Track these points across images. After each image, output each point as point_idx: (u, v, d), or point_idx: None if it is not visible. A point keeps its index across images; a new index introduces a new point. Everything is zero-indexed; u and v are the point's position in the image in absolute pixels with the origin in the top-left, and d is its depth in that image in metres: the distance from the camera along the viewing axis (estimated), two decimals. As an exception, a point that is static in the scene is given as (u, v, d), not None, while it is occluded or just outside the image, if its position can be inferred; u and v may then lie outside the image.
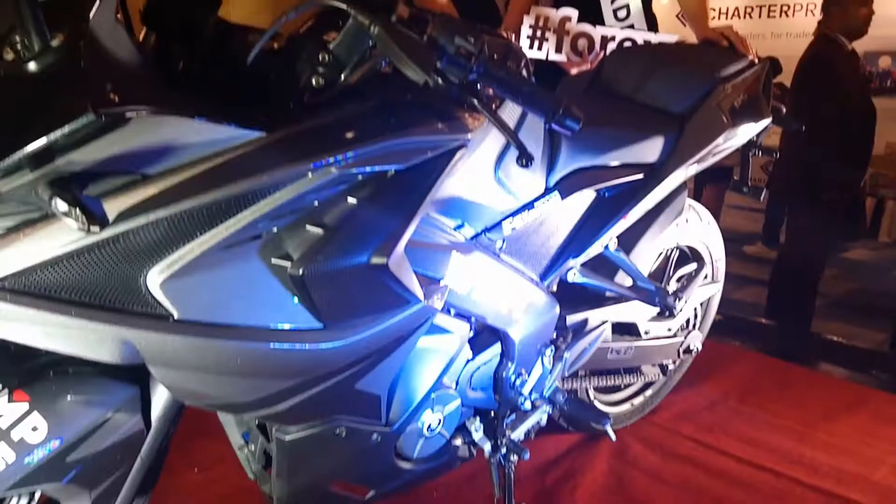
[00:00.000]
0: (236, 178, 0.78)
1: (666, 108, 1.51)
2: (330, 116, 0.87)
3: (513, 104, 1.05)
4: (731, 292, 2.60)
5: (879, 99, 6.34)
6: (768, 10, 7.29)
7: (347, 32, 0.88)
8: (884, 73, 6.46)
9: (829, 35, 3.01)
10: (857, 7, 3.00)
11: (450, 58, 0.87)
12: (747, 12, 7.46)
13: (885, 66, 6.46)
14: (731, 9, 7.54)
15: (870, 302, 4.15)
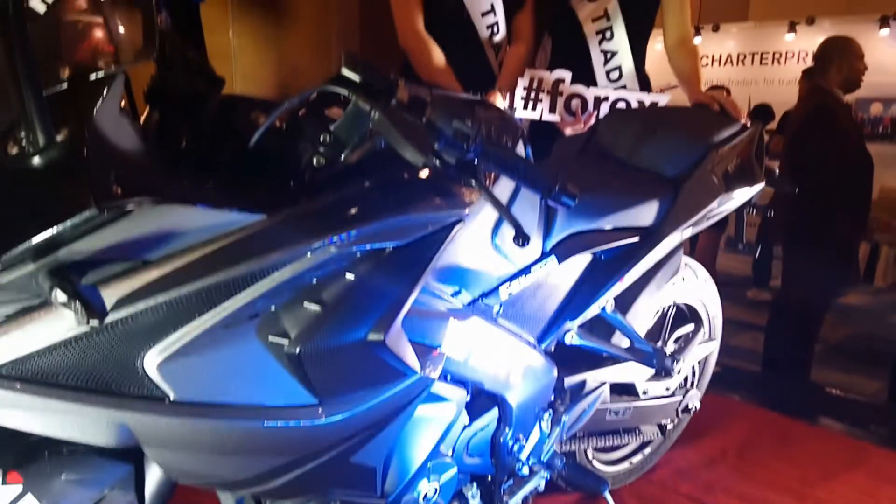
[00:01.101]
0: (236, 262, 0.79)
1: (660, 171, 1.53)
2: (329, 196, 0.88)
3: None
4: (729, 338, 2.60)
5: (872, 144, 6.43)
6: (761, 57, 7.44)
7: (348, 115, 0.90)
8: (875, 119, 6.57)
9: (826, 88, 3.05)
10: (856, 62, 3.06)
11: (447, 140, 0.89)
12: (740, 59, 7.61)
13: (876, 112, 6.58)
14: (725, 56, 7.69)
15: (867, 348, 4.15)
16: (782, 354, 3.16)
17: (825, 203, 2.88)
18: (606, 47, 2.01)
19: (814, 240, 2.94)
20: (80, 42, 0.71)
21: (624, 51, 2.00)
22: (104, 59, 0.70)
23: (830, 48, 3.09)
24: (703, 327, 1.81)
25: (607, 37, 2.00)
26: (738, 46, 7.68)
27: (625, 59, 2.01)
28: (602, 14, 1.99)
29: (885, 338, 4.28)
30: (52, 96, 0.68)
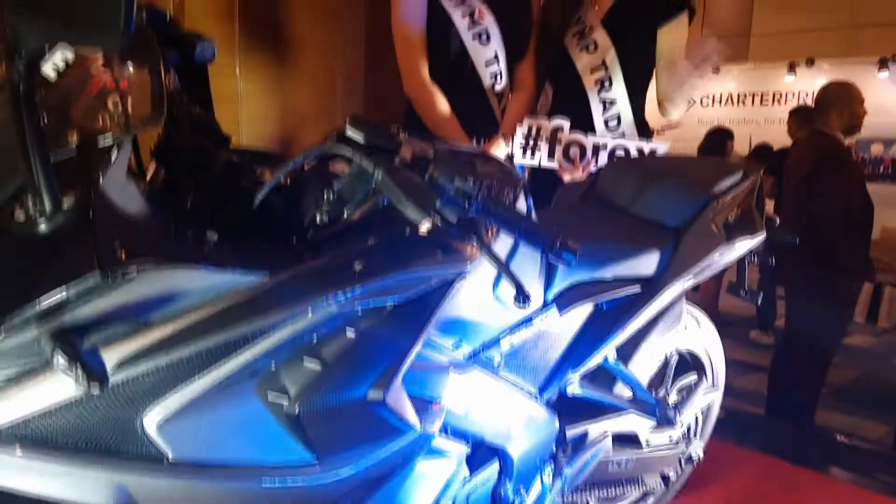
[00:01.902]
0: (238, 322, 0.79)
1: (661, 221, 1.54)
2: (331, 254, 0.89)
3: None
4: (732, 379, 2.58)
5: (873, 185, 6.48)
6: (761, 97, 7.53)
7: (352, 174, 0.91)
8: (877, 159, 6.62)
9: (828, 133, 3.07)
10: (857, 106, 3.08)
11: (449, 198, 0.90)
12: (741, 99, 7.70)
13: (877, 152, 6.63)
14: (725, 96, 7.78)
15: (872, 391, 4.12)
16: (786, 398, 3.13)
17: (827, 247, 2.88)
18: (605, 96, 2.03)
19: (816, 284, 2.93)
20: (89, 109, 0.72)
21: (622, 100, 2.03)
22: (113, 125, 0.71)
23: (831, 93, 3.12)
24: (706, 376, 1.80)
25: (605, 86, 2.02)
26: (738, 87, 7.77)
27: (623, 107, 2.03)
28: (600, 64, 2.02)
29: (889, 380, 4.25)
30: (60, 162, 0.69)
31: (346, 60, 2.56)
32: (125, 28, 0.52)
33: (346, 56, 2.55)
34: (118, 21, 0.52)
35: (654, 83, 2.06)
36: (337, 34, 2.48)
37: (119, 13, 0.52)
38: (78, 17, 0.55)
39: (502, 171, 1.23)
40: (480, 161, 1.27)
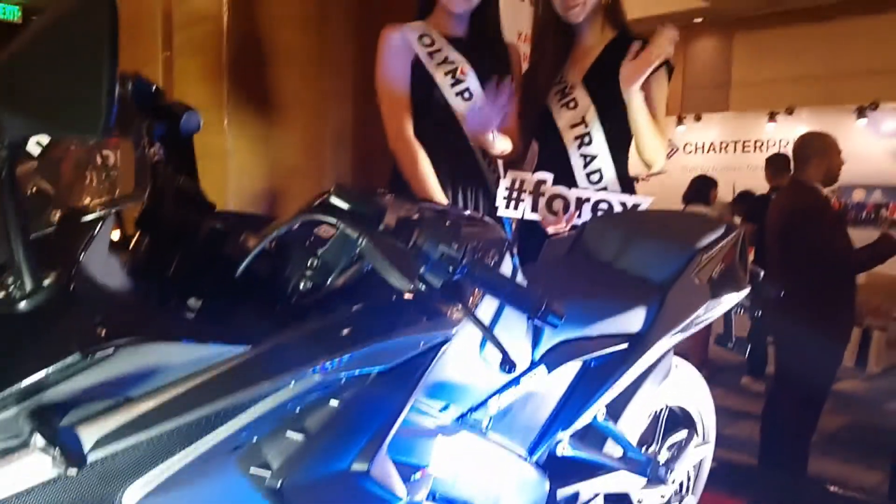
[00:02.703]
0: (220, 396, 0.78)
1: (646, 277, 1.54)
2: (315, 322, 0.89)
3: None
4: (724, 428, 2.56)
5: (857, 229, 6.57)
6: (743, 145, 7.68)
7: (336, 241, 0.92)
8: (859, 205, 6.73)
9: (807, 183, 3.12)
10: (835, 157, 3.14)
11: (433, 263, 0.91)
12: (723, 147, 7.85)
13: (859, 198, 6.74)
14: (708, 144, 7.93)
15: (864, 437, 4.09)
16: (779, 447, 3.11)
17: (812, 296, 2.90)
18: (585, 151, 2.06)
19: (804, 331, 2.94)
20: (73, 185, 0.72)
21: (603, 155, 2.05)
22: (96, 201, 0.72)
23: (809, 145, 3.18)
24: (697, 430, 1.78)
25: (586, 142, 2.05)
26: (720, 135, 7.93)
27: (605, 163, 2.06)
28: (580, 121, 2.05)
29: (882, 426, 4.23)
30: (41, 239, 0.69)
31: (334, 116, 2.58)
32: (106, 120, 0.53)
33: (334, 111, 2.58)
34: (99, 113, 0.53)
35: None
36: (325, 90, 2.51)
37: (100, 106, 0.53)
38: (59, 108, 0.55)
39: (488, 231, 1.24)
40: (466, 222, 1.28)
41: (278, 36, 2.36)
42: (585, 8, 2.01)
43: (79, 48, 0.52)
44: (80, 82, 0.53)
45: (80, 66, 0.53)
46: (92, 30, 0.51)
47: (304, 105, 2.46)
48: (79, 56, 0.53)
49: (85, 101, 0.53)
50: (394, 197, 1.17)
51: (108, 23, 0.51)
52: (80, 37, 0.52)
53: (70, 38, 0.53)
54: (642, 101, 1.96)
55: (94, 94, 0.52)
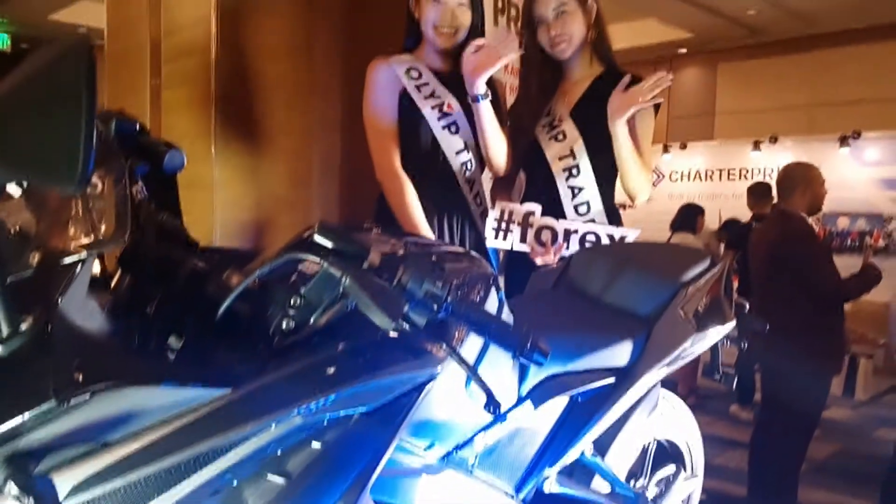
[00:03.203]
0: (199, 440, 0.77)
1: (632, 310, 1.55)
2: (297, 363, 0.88)
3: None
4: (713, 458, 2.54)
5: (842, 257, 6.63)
6: (728, 173, 7.77)
7: (320, 279, 0.91)
8: (843, 232, 6.79)
9: (792, 212, 3.15)
10: (819, 186, 3.18)
11: (418, 301, 0.90)
12: (709, 175, 7.93)
13: (843, 226, 6.81)
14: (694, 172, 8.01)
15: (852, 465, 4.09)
16: (768, 476, 3.09)
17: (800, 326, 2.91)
18: (573, 183, 2.07)
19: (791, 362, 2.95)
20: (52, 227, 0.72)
21: (591, 187, 2.07)
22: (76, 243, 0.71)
23: (793, 174, 3.22)
24: (685, 464, 1.77)
25: (574, 173, 2.07)
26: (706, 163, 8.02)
27: (592, 195, 2.07)
28: (568, 153, 2.07)
29: (870, 454, 4.22)
30: (20, 282, 0.68)
31: (322, 145, 2.59)
32: (83, 172, 0.53)
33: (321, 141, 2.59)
34: (77, 164, 0.52)
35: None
36: (313, 120, 2.52)
37: (78, 157, 0.52)
38: (36, 157, 0.55)
39: (473, 266, 1.24)
40: (451, 257, 1.27)
41: (266, 67, 2.37)
42: (572, 44, 2.04)
43: (57, 98, 0.52)
44: (58, 133, 0.52)
45: (58, 117, 0.52)
46: (70, 80, 0.51)
47: (291, 135, 2.47)
48: (57, 106, 0.52)
49: (63, 152, 0.52)
50: (379, 231, 1.17)
51: (87, 74, 0.51)
52: (58, 87, 0.52)
53: (49, 88, 0.53)
54: (627, 134, 1.98)
55: (71, 145, 0.52)
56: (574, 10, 2.02)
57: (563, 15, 2.02)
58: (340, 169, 2.60)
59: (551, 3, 2.02)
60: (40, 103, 0.54)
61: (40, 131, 0.54)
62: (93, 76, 0.52)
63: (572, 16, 2.02)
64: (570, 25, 2.02)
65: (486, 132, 2.00)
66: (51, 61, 0.53)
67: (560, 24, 2.02)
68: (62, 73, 0.52)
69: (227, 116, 2.33)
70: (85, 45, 0.52)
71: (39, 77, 0.54)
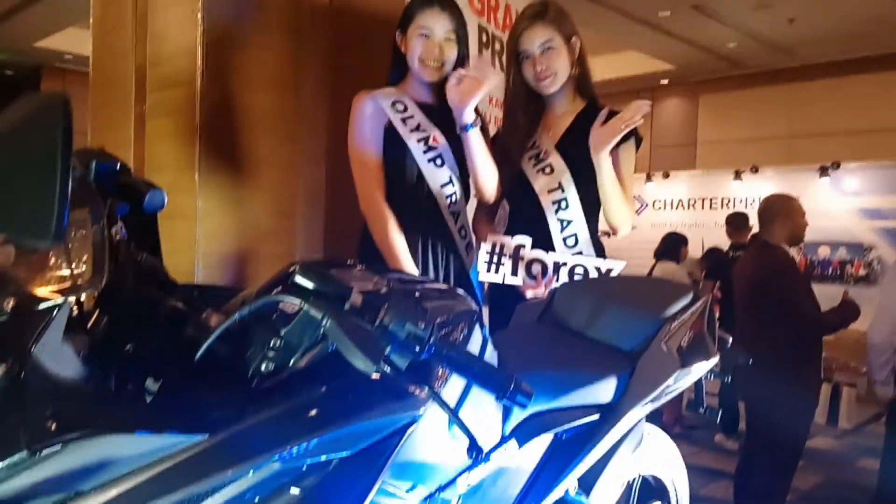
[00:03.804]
0: (175, 488, 0.75)
1: (616, 345, 1.55)
2: (276, 407, 0.86)
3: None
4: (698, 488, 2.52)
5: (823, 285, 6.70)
6: (710, 202, 7.85)
7: (300, 320, 0.90)
8: (824, 261, 6.87)
9: (772, 243, 3.19)
10: (799, 218, 3.23)
11: (400, 343, 0.89)
12: (691, 204, 8.01)
13: (824, 255, 6.88)
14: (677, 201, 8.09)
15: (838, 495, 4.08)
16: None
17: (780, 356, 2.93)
18: (562, 216, 2.09)
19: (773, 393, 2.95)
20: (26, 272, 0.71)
21: (579, 219, 2.08)
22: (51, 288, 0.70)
23: (773, 206, 3.26)
24: (670, 499, 1.76)
25: (563, 206, 2.09)
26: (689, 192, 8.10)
27: (580, 227, 2.09)
28: (557, 186, 2.08)
29: (855, 483, 4.23)
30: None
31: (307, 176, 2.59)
32: (57, 227, 0.52)
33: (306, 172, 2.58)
34: (51, 220, 0.52)
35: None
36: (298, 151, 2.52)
37: (52, 212, 0.52)
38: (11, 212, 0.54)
39: (457, 303, 1.24)
40: (435, 294, 1.27)
41: (252, 98, 2.37)
42: (557, 80, 2.07)
43: (33, 155, 0.52)
44: (34, 189, 0.52)
45: (33, 173, 0.52)
46: (46, 137, 0.51)
47: (276, 166, 2.46)
48: (33, 163, 0.52)
49: (38, 208, 0.52)
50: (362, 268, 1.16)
51: (63, 131, 0.51)
52: (34, 144, 0.52)
53: (25, 145, 0.52)
54: (611, 166, 2.00)
55: (46, 202, 0.51)
56: (559, 46, 2.06)
57: (548, 51, 2.05)
58: (325, 200, 2.60)
59: (537, 40, 2.05)
60: (16, 159, 0.53)
61: (16, 187, 0.53)
62: (69, 134, 0.52)
63: (557, 52, 2.06)
64: (555, 61, 2.05)
65: (476, 160, 2.01)
66: (28, 117, 0.53)
67: (545, 59, 2.05)
68: (39, 130, 0.52)
69: (211, 147, 2.32)
70: (61, 103, 0.51)
71: (16, 133, 0.54)
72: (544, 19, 2.06)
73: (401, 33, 2.09)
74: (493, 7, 2.93)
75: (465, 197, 2.16)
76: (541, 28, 2.06)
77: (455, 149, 2.06)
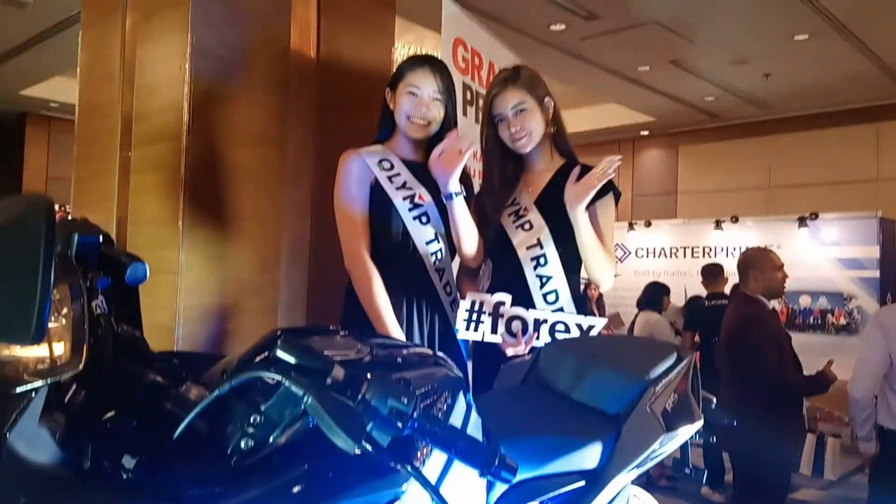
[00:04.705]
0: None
1: (601, 408, 1.53)
2: (256, 487, 0.85)
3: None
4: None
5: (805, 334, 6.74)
6: (692, 250, 7.94)
7: (281, 396, 0.89)
8: (805, 310, 6.93)
9: (751, 296, 3.23)
10: (773, 271, 3.27)
11: (382, 419, 0.88)
12: (673, 252, 8.09)
13: (805, 304, 6.95)
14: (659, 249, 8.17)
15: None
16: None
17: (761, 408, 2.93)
18: (541, 272, 2.10)
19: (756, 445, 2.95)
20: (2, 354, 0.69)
21: (558, 276, 2.09)
22: (27, 372, 0.68)
23: (748, 259, 3.34)
24: (657, 565, 1.73)
25: (541, 263, 2.10)
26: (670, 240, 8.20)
27: (560, 283, 2.09)
28: (535, 242, 2.10)
29: (843, 538, 4.19)
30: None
31: (292, 230, 2.59)
32: (37, 330, 0.51)
33: (290, 227, 2.59)
34: (30, 323, 0.51)
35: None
36: (283, 204, 2.53)
37: (32, 315, 0.51)
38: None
39: (440, 371, 1.23)
40: (418, 361, 1.26)
41: (237, 154, 2.39)
42: (532, 139, 2.11)
43: (15, 258, 0.52)
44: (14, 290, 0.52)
45: (14, 276, 0.52)
46: (29, 240, 0.51)
47: (260, 221, 2.46)
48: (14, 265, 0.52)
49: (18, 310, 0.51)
50: (344, 335, 1.16)
51: (45, 235, 0.50)
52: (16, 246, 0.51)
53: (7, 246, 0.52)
54: (588, 222, 2.02)
55: (27, 303, 0.51)
56: (532, 108, 2.10)
57: (522, 113, 2.09)
58: (309, 255, 2.59)
59: (510, 102, 2.09)
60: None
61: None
62: (52, 237, 0.52)
63: (531, 113, 2.10)
64: (528, 122, 2.10)
65: (460, 227, 2.03)
66: (10, 220, 0.53)
67: (519, 121, 2.09)
68: (21, 232, 0.52)
69: (195, 201, 2.32)
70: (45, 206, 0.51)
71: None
72: (516, 83, 2.11)
73: (390, 91, 2.13)
74: (477, 66, 2.99)
75: (451, 254, 2.17)
76: (512, 91, 2.10)
77: (441, 206, 2.07)
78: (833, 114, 9.11)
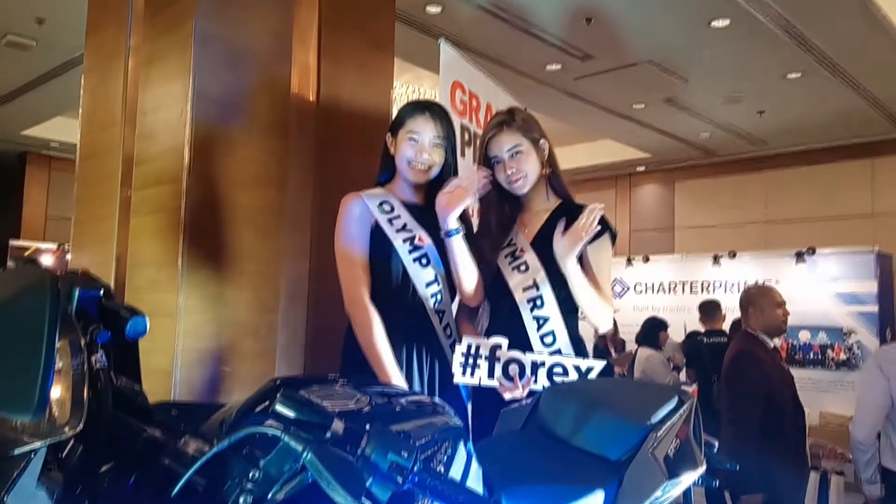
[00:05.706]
0: None
1: (603, 454, 1.52)
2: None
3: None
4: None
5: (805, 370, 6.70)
6: (691, 286, 7.93)
7: (280, 452, 0.88)
8: (805, 345, 6.90)
9: (752, 333, 3.23)
10: (773, 308, 3.27)
11: (381, 475, 0.88)
12: (672, 287, 8.09)
13: (805, 339, 6.92)
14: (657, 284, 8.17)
15: None
16: None
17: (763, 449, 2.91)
18: (538, 314, 2.09)
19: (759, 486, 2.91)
20: (2, 417, 0.69)
21: (555, 317, 2.09)
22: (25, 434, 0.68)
23: (746, 296, 3.35)
24: None
25: (538, 304, 2.09)
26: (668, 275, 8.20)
27: (557, 325, 2.09)
28: (532, 284, 2.10)
29: (851, 581, 4.11)
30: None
31: (290, 272, 2.59)
32: (40, 403, 0.51)
33: (290, 268, 2.59)
34: (32, 398, 0.51)
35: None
36: (282, 246, 2.54)
37: (34, 391, 0.51)
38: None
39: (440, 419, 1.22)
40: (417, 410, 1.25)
41: (238, 196, 2.40)
42: (528, 181, 2.13)
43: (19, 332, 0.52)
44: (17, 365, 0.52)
45: (18, 352, 0.52)
46: (33, 316, 0.51)
47: (259, 262, 2.47)
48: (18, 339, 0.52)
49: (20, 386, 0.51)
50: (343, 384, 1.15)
51: (49, 313, 0.51)
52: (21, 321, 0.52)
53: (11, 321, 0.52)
54: (579, 273, 2.02)
55: (30, 378, 0.51)
56: (528, 150, 2.13)
57: (517, 155, 2.12)
58: (308, 296, 2.59)
59: (506, 145, 2.12)
60: (2, 335, 0.53)
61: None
62: (55, 312, 0.52)
63: (526, 155, 2.12)
64: (524, 164, 2.12)
65: (459, 266, 2.04)
66: (16, 294, 0.53)
67: (515, 163, 2.11)
68: (24, 309, 0.52)
69: (195, 244, 2.32)
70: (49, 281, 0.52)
71: (3, 309, 0.54)
72: (511, 126, 2.14)
73: (391, 136, 2.16)
74: (475, 108, 3.03)
75: (451, 295, 2.17)
76: (508, 134, 2.13)
77: (441, 248, 2.08)
78: (828, 149, 9.21)
